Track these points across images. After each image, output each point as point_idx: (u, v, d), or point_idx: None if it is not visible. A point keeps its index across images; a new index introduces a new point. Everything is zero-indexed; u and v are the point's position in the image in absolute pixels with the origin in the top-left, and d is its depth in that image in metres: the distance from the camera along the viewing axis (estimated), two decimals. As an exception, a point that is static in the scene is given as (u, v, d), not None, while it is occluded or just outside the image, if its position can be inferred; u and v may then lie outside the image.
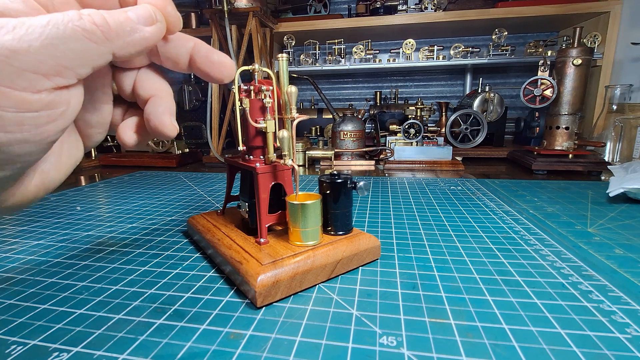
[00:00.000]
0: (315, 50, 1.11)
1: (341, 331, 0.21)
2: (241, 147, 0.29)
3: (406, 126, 0.84)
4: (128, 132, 0.20)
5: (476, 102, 0.96)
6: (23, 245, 0.36)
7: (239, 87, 0.29)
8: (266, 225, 0.29)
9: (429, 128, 0.88)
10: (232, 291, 0.26)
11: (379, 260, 0.31)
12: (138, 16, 0.17)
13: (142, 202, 0.53)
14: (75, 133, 0.19)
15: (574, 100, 0.71)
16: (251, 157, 0.30)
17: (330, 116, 1.06)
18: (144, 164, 0.89)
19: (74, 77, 0.15)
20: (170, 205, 0.51)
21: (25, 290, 0.27)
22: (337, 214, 0.30)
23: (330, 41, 1.10)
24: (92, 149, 0.73)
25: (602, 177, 0.67)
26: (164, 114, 0.19)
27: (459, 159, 0.84)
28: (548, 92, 0.71)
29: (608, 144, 0.78)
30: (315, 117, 1.13)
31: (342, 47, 1.10)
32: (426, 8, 1.02)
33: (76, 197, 0.57)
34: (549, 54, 0.96)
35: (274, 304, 0.25)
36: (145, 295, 0.26)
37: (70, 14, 0.15)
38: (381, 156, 0.86)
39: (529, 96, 0.72)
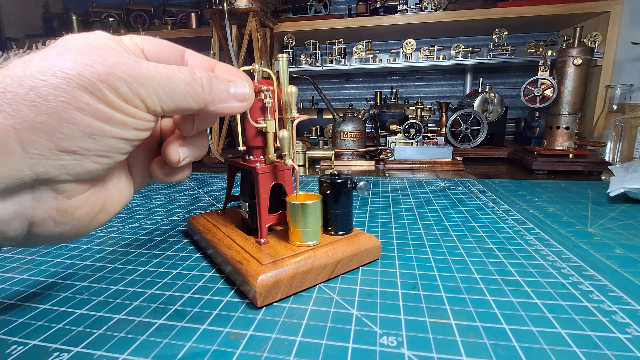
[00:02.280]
0: (315, 50, 1.11)
1: (341, 331, 0.21)
2: (241, 147, 0.29)
3: (406, 126, 0.84)
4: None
5: (476, 102, 0.96)
6: (23, 246, 0.36)
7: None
8: (266, 225, 0.29)
9: (429, 128, 0.88)
10: (233, 291, 0.26)
11: (379, 260, 0.31)
12: (236, 90, 0.21)
13: (142, 202, 0.53)
14: (126, 171, 0.22)
15: (574, 100, 0.71)
16: (251, 157, 0.30)
17: (331, 116, 1.06)
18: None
19: (159, 107, 0.18)
20: (170, 205, 0.51)
21: (26, 291, 0.27)
22: (337, 214, 0.30)
23: (330, 41, 1.10)
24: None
25: (603, 177, 0.67)
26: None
27: (459, 159, 0.84)
28: (548, 92, 0.71)
29: (608, 144, 0.78)
30: (316, 117, 1.13)
31: (342, 47, 1.10)
32: (426, 8, 1.02)
33: (76, 197, 0.56)
34: (549, 54, 0.96)
35: (274, 304, 0.25)
36: (145, 295, 0.26)
37: (185, 69, 0.19)
38: (381, 156, 0.86)
39: (529, 96, 0.72)
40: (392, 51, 1.13)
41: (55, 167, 0.16)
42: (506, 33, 1.01)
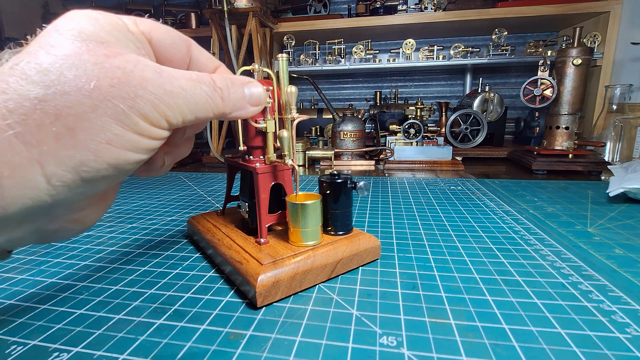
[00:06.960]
0: (315, 50, 1.11)
1: (341, 331, 0.21)
2: (241, 147, 0.29)
3: (406, 126, 0.84)
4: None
5: (476, 102, 0.96)
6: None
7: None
8: (266, 225, 0.29)
9: (429, 128, 0.88)
10: (232, 291, 0.26)
11: (379, 260, 0.31)
12: (251, 95, 0.21)
13: (142, 202, 0.53)
14: None
15: (573, 100, 0.71)
16: (251, 157, 0.30)
17: (330, 116, 1.06)
18: (144, 164, 0.89)
19: (181, 122, 0.18)
20: (170, 206, 0.51)
21: (25, 291, 0.27)
22: (337, 214, 0.30)
23: (330, 41, 1.10)
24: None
25: (602, 177, 0.67)
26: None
27: (459, 159, 0.84)
28: (548, 92, 0.71)
29: (608, 144, 0.78)
30: (315, 117, 1.13)
31: (342, 47, 1.10)
32: (426, 8, 1.02)
33: (76, 197, 0.56)
34: (549, 54, 0.96)
35: (274, 304, 0.25)
36: (145, 296, 0.26)
37: (207, 80, 0.18)
38: (381, 156, 0.86)
39: (529, 96, 0.72)
40: (392, 51, 1.13)
41: (76, 194, 0.16)
42: (506, 33, 1.01)
